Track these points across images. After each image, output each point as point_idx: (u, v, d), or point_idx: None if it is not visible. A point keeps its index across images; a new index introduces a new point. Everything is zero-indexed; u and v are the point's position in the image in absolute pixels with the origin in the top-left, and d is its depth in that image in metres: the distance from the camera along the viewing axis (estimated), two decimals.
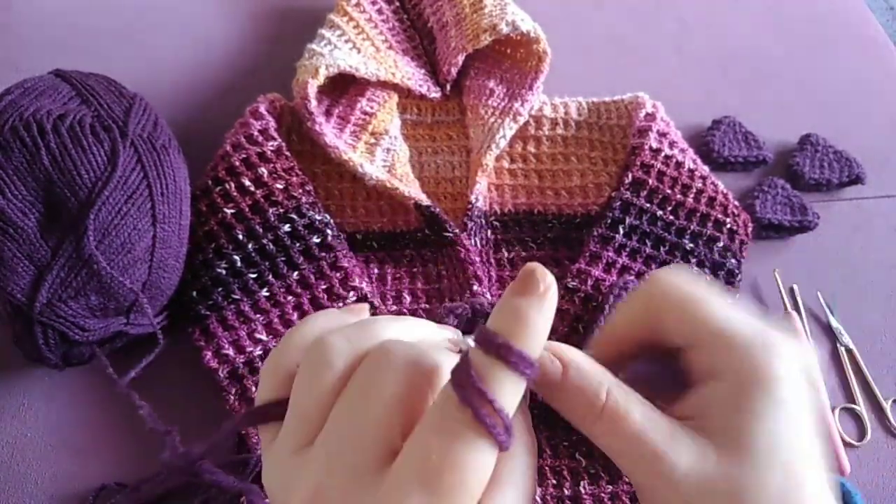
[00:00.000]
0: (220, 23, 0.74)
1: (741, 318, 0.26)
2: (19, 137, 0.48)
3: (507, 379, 0.22)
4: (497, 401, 0.21)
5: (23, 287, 0.46)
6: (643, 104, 0.64)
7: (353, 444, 0.22)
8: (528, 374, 0.22)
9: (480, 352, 0.22)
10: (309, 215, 0.55)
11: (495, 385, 0.22)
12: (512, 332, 0.22)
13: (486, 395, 0.21)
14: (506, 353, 0.22)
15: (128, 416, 0.51)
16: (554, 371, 0.26)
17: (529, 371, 0.22)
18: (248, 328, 0.52)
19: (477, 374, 0.21)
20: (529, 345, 0.22)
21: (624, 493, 0.49)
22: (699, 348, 0.27)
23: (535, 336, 0.23)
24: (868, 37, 0.78)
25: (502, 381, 0.22)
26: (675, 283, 0.28)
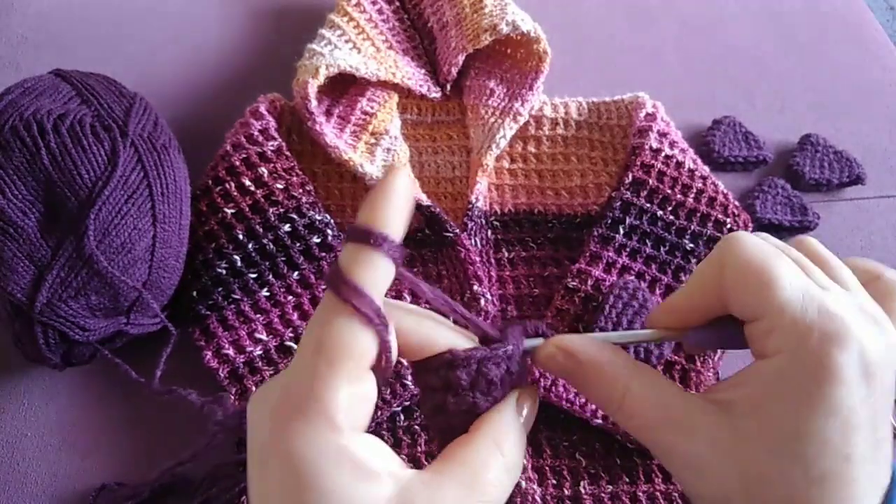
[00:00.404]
0: (220, 23, 0.74)
1: (810, 296, 0.26)
2: (19, 137, 0.48)
3: (372, 260, 0.25)
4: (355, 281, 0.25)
5: (23, 287, 0.46)
6: (643, 104, 0.64)
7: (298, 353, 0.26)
8: (390, 254, 0.25)
9: (348, 243, 0.26)
10: (309, 215, 0.55)
11: (360, 269, 0.25)
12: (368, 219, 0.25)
13: (346, 279, 0.25)
14: (354, 233, 0.25)
15: (128, 416, 0.51)
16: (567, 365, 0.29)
17: (392, 251, 0.25)
18: (249, 328, 0.52)
19: (343, 264, 0.25)
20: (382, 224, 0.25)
21: (624, 493, 0.49)
22: (760, 323, 0.27)
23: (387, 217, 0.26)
24: (868, 37, 0.78)
25: (367, 263, 0.25)
26: (745, 250, 0.27)
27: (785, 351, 0.25)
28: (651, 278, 0.56)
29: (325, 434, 0.23)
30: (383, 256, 0.25)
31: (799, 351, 0.25)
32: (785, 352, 0.25)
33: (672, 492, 0.49)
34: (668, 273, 0.56)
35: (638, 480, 0.49)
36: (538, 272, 0.58)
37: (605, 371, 0.29)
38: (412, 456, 0.50)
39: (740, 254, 0.27)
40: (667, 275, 0.56)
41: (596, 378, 0.29)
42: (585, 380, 0.29)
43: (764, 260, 0.27)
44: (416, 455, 0.50)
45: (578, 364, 0.29)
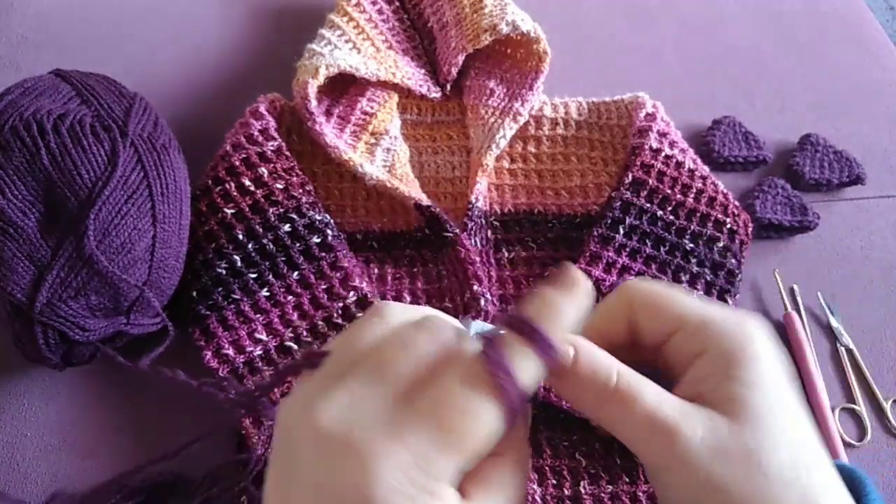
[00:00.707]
0: (220, 23, 0.74)
1: (710, 305, 0.29)
2: (19, 137, 0.48)
3: (530, 358, 0.24)
4: (517, 374, 0.23)
5: (23, 287, 0.46)
6: (643, 104, 0.64)
7: (385, 375, 0.24)
8: (549, 357, 0.24)
9: (511, 332, 0.24)
10: (309, 215, 0.55)
11: (518, 361, 0.24)
12: (542, 318, 0.25)
13: (508, 366, 0.23)
14: (532, 334, 0.24)
15: (128, 416, 0.51)
16: (566, 355, 0.28)
17: (551, 355, 0.24)
18: (248, 328, 0.52)
19: (505, 348, 0.24)
20: (555, 331, 0.25)
21: (624, 493, 0.49)
22: (679, 335, 0.29)
23: (562, 324, 0.25)
24: (868, 37, 0.78)
25: (525, 359, 0.24)
26: (646, 285, 0.30)
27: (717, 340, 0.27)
28: (651, 278, 0.56)
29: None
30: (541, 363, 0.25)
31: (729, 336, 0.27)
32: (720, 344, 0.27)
33: None
34: (668, 273, 0.56)
35: (638, 480, 0.49)
36: (538, 272, 0.58)
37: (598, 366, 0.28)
38: None
39: (644, 287, 0.30)
40: (667, 275, 0.56)
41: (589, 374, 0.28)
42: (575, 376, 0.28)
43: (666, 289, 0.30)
44: None
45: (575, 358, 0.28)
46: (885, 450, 0.53)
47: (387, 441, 0.22)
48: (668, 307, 0.29)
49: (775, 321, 0.58)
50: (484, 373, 0.23)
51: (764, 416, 0.26)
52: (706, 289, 0.56)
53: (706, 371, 0.27)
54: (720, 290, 0.56)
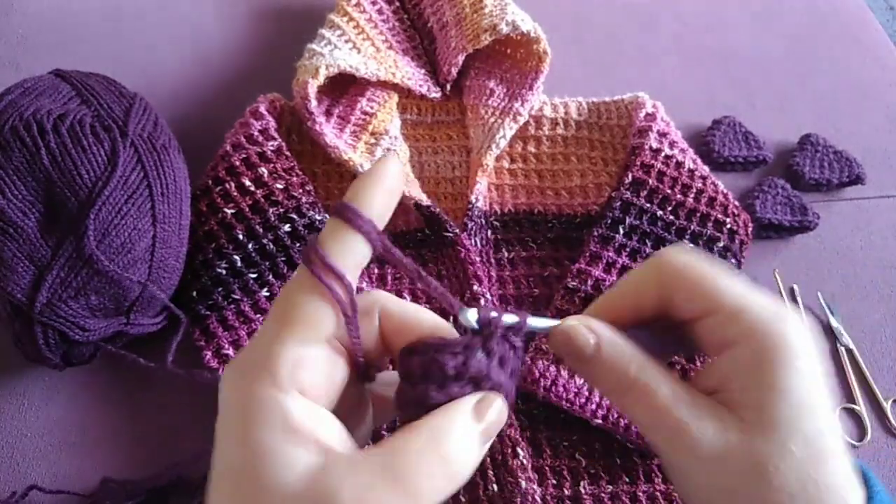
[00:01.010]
0: (220, 23, 0.74)
1: (752, 290, 0.28)
2: (19, 137, 0.48)
3: (347, 236, 0.26)
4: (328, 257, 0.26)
5: (23, 287, 0.46)
6: (643, 104, 0.64)
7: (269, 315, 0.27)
8: (365, 231, 0.26)
9: (330, 218, 0.27)
10: (309, 215, 0.55)
11: (327, 239, 0.26)
12: (352, 197, 0.27)
13: (319, 252, 0.26)
14: (345, 211, 0.26)
15: (128, 416, 0.51)
16: (588, 343, 0.29)
17: (367, 228, 0.26)
18: (248, 328, 0.52)
19: (318, 238, 0.27)
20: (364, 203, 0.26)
21: (624, 493, 0.49)
22: (713, 319, 0.28)
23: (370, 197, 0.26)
24: (868, 37, 0.78)
25: (342, 238, 0.26)
26: (686, 258, 0.29)
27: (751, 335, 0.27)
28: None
29: (265, 387, 0.24)
30: (358, 235, 0.26)
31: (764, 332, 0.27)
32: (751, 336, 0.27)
33: (672, 492, 0.49)
34: None
35: (638, 480, 0.49)
36: (538, 272, 0.58)
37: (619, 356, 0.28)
38: None
39: (681, 260, 0.29)
40: None
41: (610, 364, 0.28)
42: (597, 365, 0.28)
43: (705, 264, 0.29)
44: None
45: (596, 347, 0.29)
46: (885, 450, 0.53)
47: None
48: (705, 287, 0.28)
49: None
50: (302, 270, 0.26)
51: (780, 426, 0.25)
52: None
53: (734, 367, 0.27)
54: None
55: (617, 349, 0.28)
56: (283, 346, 0.25)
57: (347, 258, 0.26)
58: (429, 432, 0.25)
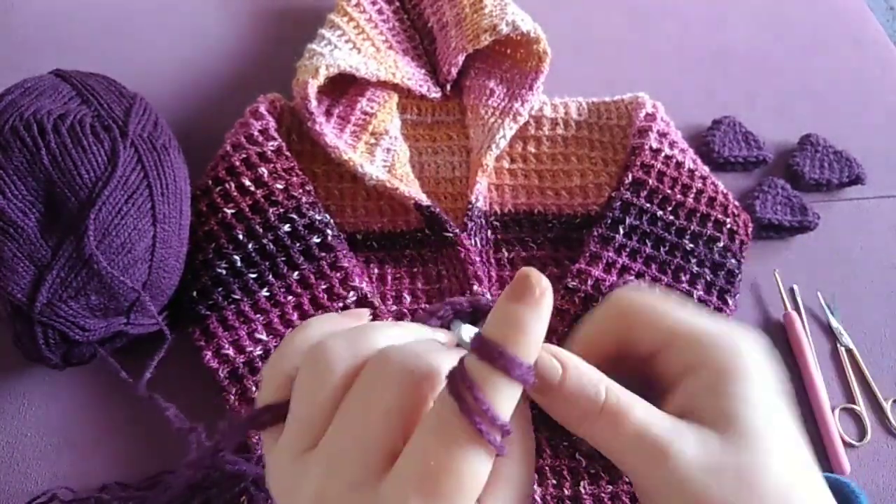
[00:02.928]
0: (220, 23, 0.74)
1: (704, 318, 0.28)
2: (19, 137, 0.48)
3: (503, 385, 0.22)
4: (492, 408, 0.22)
5: (23, 287, 0.46)
6: (643, 104, 0.64)
7: (355, 452, 0.23)
8: (524, 379, 0.22)
9: (475, 358, 0.22)
10: (309, 215, 0.55)
11: (491, 392, 0.22)
12: (508, 339, 0.22)
13: (481, 402, 0.21)
14: (501, 359, 0.22)
15: (128, 416, 0.51)
16: (553, 372, 0.26)
17: (525, 377, 0.22)
18: (248, 328, 0.52)
19: (473, 382, 0.22)
20: (525, 351, 0.23)
21: (624, 493, 0.49)
22: (671, 349, 0.28)
23: (531, 342, 0.23)
24: (868, 37, 0.78)
25: (498, 387, 0.22)
26: (638, 296, 0.29)
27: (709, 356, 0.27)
28: (651, 278, 0.56)
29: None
30: (519, 388, 0.23)
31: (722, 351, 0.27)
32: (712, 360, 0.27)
33: None
34: (668, 273, 0.56)
35: None
36: None
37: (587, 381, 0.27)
38: None
39: (635, 298, 0.29)
40: (667, 275, 0.56)
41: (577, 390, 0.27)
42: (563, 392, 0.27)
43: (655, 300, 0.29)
44: None
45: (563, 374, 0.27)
46: (885, 450, 0.53)
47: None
48: (660, 320, 0.28)
49: (775, 321, 0.58)
50: (458, 421, 0.22)
51: (756, 432, 0.25)
52: (706, 289, 0.56)
53: (697, 386, 0.27)
54: (720, 290, 0.56)
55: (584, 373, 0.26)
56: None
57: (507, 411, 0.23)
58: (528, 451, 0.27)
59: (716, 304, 0.56)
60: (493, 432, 0.22)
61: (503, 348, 0.22)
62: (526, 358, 0.23)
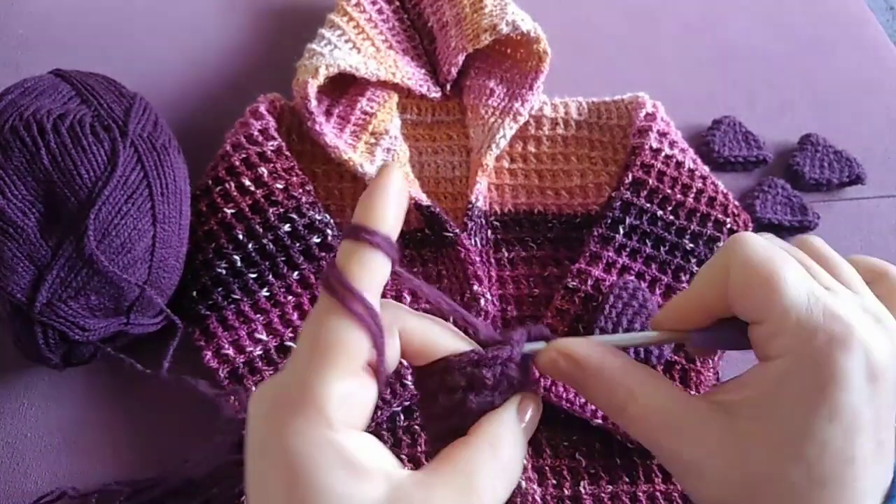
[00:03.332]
0: (220, 23, 0.74)
1: (815, 299, 0.26)
2: (19, 137, 0.48)
3: (356, 253, 0.25)
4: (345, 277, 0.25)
5: (23, 287, 0.46)
6: (643, 104, 0.64)
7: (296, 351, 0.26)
8: (372, 242, 0.25)
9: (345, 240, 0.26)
10: (309, 215, 0.55)
11: (347, 264, 0.25)
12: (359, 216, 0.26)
13: (337, 275, 0.25)
14: (349, 231, 0.26)
15: (128, 416, 0.51)
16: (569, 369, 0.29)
17: (376, 240, 0.25)
18: (248, 328, 0.52)
19: (336, 261, 0.26)
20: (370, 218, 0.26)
21: (624, 493, 0.49)
22: (764, 326, 0.27)
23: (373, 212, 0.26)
24: (868, 37, 0.78)
25: (353, 257, 0.25)
26: (750, 252, 0.27)
27: (788, 354, 0.25)
28: (651, 278, 0.56)
29: (318, 429, 0.23)
30: (377, 253, 0.25)
31: (803, 354, 0.25)
32: (788, 355, 0.25)
33: (672, 492, 0.49)
34: (668, 273, 0.56)
35: (638, 480, 0.49)
36: (538, 272, 0.58)
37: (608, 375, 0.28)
38: (412, 456, 0.50)
39: (745, 256, 0.27)
40: (667, 275, 0.56)
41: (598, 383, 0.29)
42: (588, 384, 0.29)
43: (769, 262, 0.27)
44: (417, 455, 0.50)
45: (581, 369, 0.29)
46: None
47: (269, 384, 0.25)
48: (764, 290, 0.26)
49: None
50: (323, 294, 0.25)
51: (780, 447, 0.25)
52: None
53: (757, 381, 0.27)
54: None
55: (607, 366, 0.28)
56: (328, 383, 0.24)
57: (368, 280, 0.25)
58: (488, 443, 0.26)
59: None
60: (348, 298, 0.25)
61: (359, 223, 0.26)
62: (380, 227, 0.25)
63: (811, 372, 0.25)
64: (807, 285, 0.26)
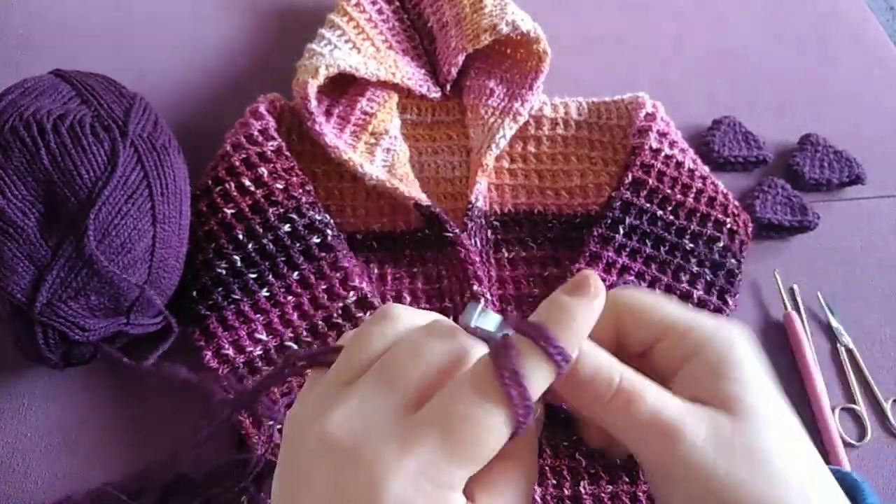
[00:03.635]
0: (220, 23, 0.74)
1: (693, 312, 0.30)
2: (19, 137, 0.48)
3: (541, 366, 0.24)
4: (526, 382, 0.23)
5: (23, 287, 0.46)
6: (643, 104, 0.64)
7: (395, 384, 0.25)
8: (561, 366, 0.24)
9: (519, 336, 0.24)
10: (309, 215, 0.55)
11: (529, 368, 0.24)
12: (555, 325, 0.24)
13: (518, 373, 0.23)
14: (546, 341, 0.24)
15: (128, 416, 0.51)
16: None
17: (563, 364, 0.24)
18: (248, 328, 0.52)
19: (515, 354, 0.23)
20: (569, 339, 0.24)
21: (624, 493, 0.49)
22: (665, 341, 0.29)
23: (576, 333, 0.25)
24: (868, 37, 0.78)
25: (536, 366, 0.24)
26: (629, 293, 0.31)
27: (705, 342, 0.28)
28: (651, 278, 0.56)
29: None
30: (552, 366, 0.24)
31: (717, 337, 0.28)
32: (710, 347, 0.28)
33: None
34: (668, 273, 0.56)
35: (638, 480, 0.49)
36: (538, 272, 0.58)
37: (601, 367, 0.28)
38: None
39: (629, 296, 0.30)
40: (667, 275, 0.56)
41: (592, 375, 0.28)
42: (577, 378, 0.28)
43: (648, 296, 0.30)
44: None
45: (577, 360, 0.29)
46: (885, 450, 0.53)
47: (396, 451, 0.23)
48: (654, 315, 0.30)
49: (775, 321, 0.58)
50: (492, 380, 0.23)
51: (761, 412, 0.26)
52: (706, 289, 0.56)
53: (698, 373, 0.28)
54: (720, 290, 0.56)
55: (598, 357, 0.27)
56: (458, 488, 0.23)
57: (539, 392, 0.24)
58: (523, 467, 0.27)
59: (716, 303, 0.56)
60: (520, 405, 0.23)
61: (550, 332, 0.24)
62: (566, 344, 0.24)
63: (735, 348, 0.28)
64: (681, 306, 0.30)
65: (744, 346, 0.28)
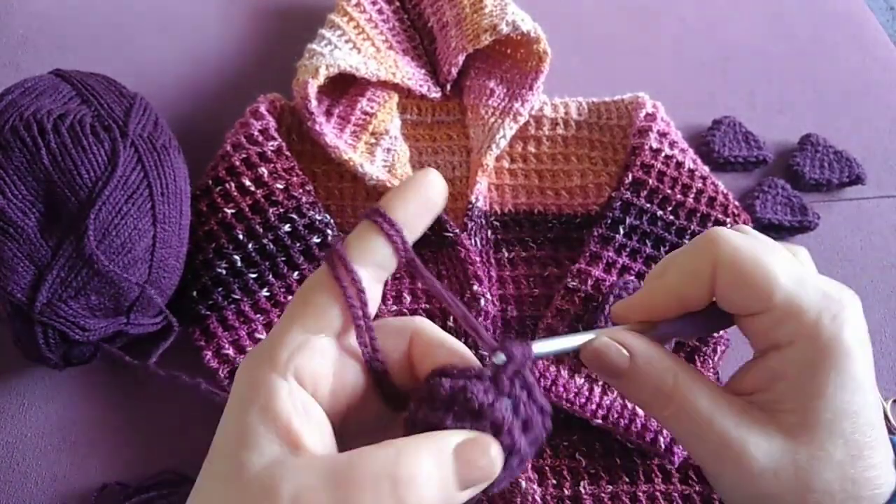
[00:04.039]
0: (220, 23, 0.74)
1: (807, 283, 0.27)
2: (19, 137, 0.48)
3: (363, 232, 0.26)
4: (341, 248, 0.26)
5: (23, 287, 0.46)
6: (643, 104, 0.64)
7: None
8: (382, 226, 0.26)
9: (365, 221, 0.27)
10: (309, 215, 0.55)
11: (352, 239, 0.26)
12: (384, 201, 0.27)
13: (338, 249, 0.26)
14: (368, 212, 0.26)
15: (128, 415, 0.51)
16: (621, 360, 0.28)
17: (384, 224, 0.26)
18: (249, 328, 0.52)
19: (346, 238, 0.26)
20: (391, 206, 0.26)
21: (624, 493, 0.49)
22: (764, 317, 0.27)
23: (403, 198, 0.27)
24: (868, 37, 0.78)
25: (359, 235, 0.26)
26: (735, 249, 0.28)
27: (800, 340, 0.27)
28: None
29: (264, 370, 0.24)
30: (383, 239, 0.26)
31: (814, 338, 0.27)
32: (801, 341, 0.27)
33: (672, 492, 0.49)
34: None
35: (638, 480, 0.49)
36: (538, 272, 0.58)
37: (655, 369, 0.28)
38: None
39: (732, 253, 0.28)
40: None
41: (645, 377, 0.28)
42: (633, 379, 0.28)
43: (758, 256, 0.28)
44: None
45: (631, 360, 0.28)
46: None
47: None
48: (758, 282, 0.27)
49: None
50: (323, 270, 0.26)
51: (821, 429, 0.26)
52: None
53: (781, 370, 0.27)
54: None
55: (652, 361, 0.27)
56: (286, 333, 0.25)
57: (368, 261, 0.26)
58: (394, 451, 0.23)
59: None
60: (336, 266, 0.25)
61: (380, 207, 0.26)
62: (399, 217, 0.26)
63: (829, 353, 0.26)
64: (795, 271, 0.28)
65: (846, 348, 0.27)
